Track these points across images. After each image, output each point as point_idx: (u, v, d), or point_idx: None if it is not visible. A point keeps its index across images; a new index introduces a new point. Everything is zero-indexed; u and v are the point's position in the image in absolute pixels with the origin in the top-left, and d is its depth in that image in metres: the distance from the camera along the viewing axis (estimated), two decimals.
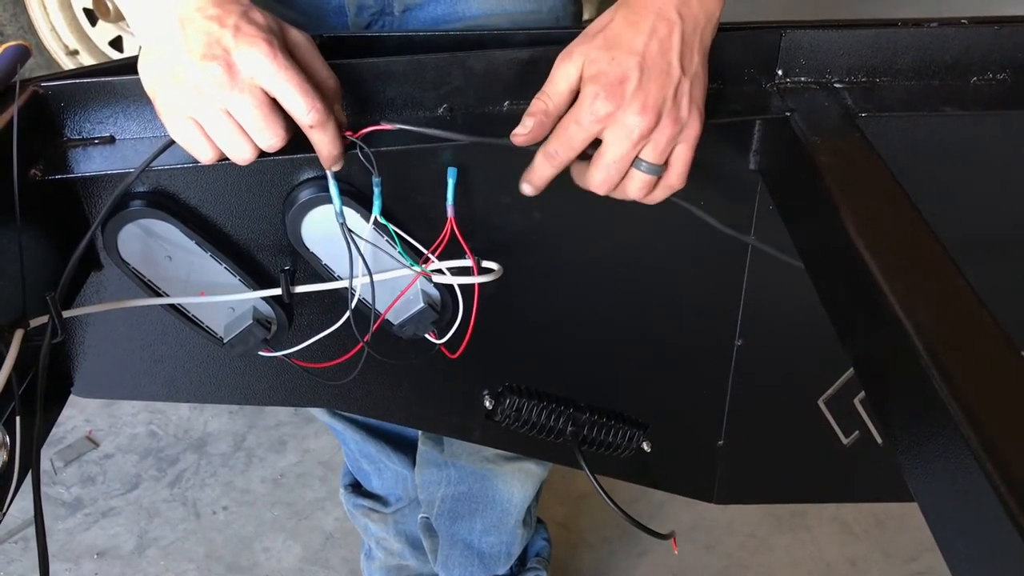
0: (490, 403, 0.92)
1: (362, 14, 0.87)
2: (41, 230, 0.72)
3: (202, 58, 0.62)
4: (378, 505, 1.47)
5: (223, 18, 0.63)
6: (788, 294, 0.86)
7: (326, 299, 0.82)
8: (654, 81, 0.66)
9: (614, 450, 0.97)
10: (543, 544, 1.53)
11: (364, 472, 1.46)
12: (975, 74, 0.81)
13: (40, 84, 0.71)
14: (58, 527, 1.82)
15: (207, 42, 0.62)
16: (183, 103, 0.64)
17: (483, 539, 1.38)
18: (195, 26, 0.63)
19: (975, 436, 0.46)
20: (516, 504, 1.33)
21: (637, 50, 0.66)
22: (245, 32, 0.62)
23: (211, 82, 0.62)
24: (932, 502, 0.52)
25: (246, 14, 0.64)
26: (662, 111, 0.67)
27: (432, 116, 0.76)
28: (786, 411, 0.97)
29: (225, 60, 0.62)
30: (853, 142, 0.72)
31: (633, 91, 0.66)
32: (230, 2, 0.63)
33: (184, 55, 0.62)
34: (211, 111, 0.64)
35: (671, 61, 0.66)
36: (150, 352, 0.86)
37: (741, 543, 1.78)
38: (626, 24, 0.66)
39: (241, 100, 0.63)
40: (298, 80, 0.64)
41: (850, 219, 0.63)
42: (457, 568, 1.43)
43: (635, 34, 0.66)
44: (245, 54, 0.62)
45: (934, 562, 1.70)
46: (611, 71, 0.66)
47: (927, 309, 0.55)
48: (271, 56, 0.62)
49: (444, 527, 1.39)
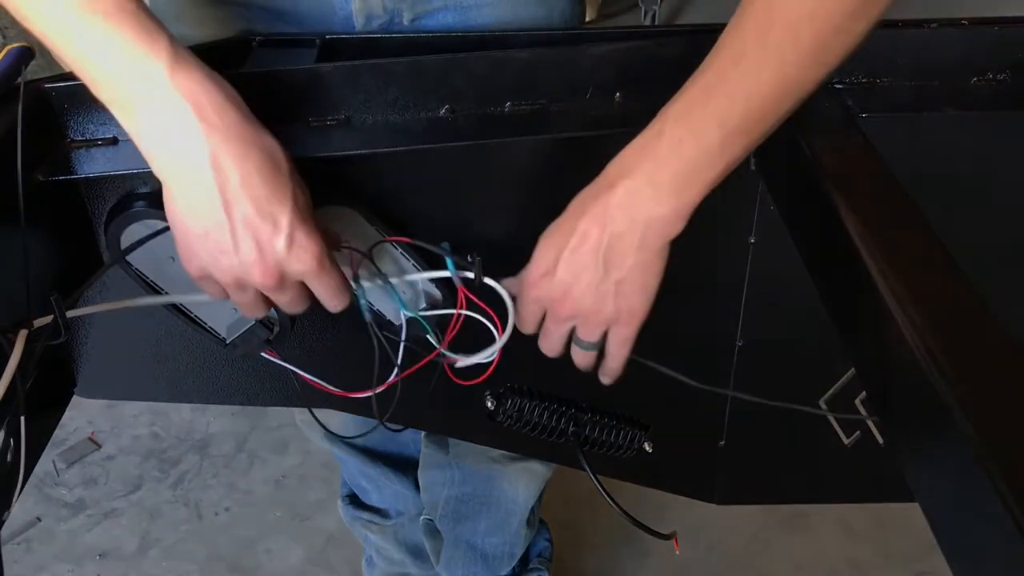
0: (492, 404, 0.93)
1: (370, 24, 0.88)
2: (44, 231, 0.72)
3: (253, 264, 0.61)
4: (377, 518, 1.47)
5: (277, 219, 0.60)
6: (789, 294, 0.86)
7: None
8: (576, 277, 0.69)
9: (616, 451, 0.97)
10: (545, 544, 1.53)
11: (363, 488, 1.46)
12: (975, 74, 0.81)
13: (44, 85, 0.71)
14: (60, 528, 1.82)
15: (257, 247, 0.60)
16: (217, 275, 0.63)
17: (486, 540, 1.38)
18: (244, 220, 0.59)
19: (977, 436, 0.46)
20: (520, 504, 1.33)
21: (561, 246, 0.69)
22: (299, 243, 0.61)
23: (255, 283, 0.62)
24: (934, 502, 0.52)
25: (297, 209, 0.61)
26: (581, 301, 0.70)
27: (434, 117, 0.76)
28: (787, 412, 0.97)
29: (276, 273, 0.61)
30: (853, 143, 0.72)
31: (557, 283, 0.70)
32: (281, 188, 0.60)
33: (229, 247, 0.60)
34: (245, 296, 0.65)
35: (595, 261, 0.68)
36: (153, 353, 0.86)
37: (743, 544, 1.78)
38: (563, 219, 0.69)
39: (280, 296, 0.64)
40: (336, 284, 0.65)
41: (851, 219, 0.63)
42: (460, 569, 1.43)
43: (566, 233, 0.68)
44: (296, 270, 0.62)
45: (936, 563, 1.69)
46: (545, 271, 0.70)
47: (928, 310, 0.55)
48: (319, 271, 0.63)
49: (448, 528, 1.39)
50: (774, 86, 0.62)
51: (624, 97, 0.78)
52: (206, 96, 0.58)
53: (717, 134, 0.62)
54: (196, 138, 0.58)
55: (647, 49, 0.78)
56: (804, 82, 0.63)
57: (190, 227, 0.61)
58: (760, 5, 0.61)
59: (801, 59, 0.61)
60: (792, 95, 0.63)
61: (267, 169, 0.60)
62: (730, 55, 0.62)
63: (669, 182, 0.64)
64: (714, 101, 0.62)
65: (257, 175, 0.59)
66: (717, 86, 0.62)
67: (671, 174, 0.64)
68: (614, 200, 0.65)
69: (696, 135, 0.63)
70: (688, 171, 0.64)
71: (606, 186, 0.66)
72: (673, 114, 0.64)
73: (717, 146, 0.63)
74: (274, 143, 0.61)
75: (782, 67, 0.61)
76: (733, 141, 0.63)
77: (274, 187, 0.60)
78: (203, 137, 0.58)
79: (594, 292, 0.69)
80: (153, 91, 0.57)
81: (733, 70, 0.62)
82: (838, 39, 0.61)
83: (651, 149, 0.64)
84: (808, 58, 0.61)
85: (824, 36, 0.60)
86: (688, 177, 0.64)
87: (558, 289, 0.70)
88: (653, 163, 0.64)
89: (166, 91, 0.57)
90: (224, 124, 0.58)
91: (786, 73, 0.61)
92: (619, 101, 0.79)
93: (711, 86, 0.63)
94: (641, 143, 0.65)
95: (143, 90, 0.57)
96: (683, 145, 0.63)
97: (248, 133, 0.59)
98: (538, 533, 1.50)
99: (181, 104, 0.57)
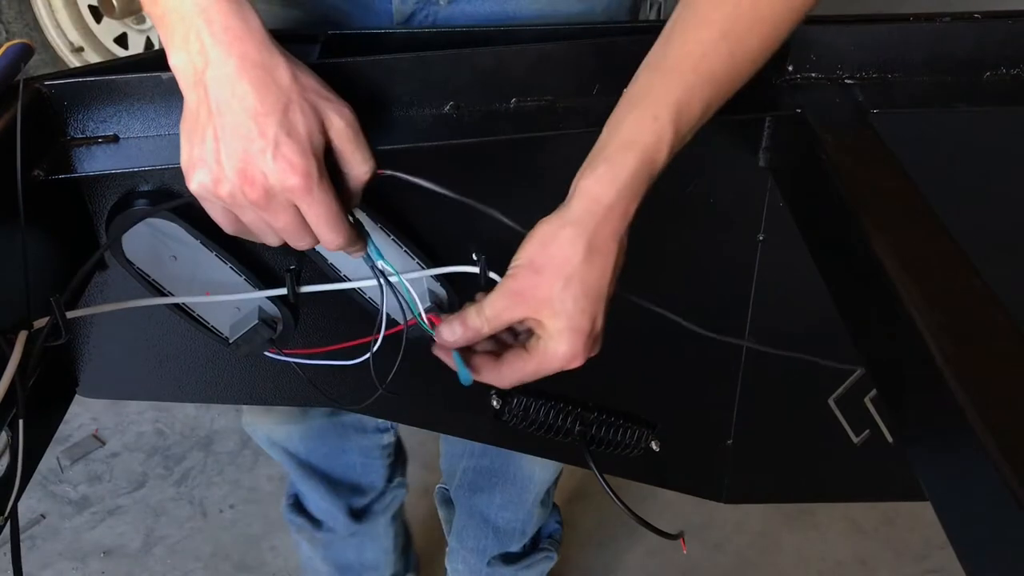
0: (498, 403, 0.92)
1: (406, 1, 0.87)
2: (44, 230, 0.71)
3: (238, 174, 0.60)
4: (311, 527, 1.45)
5: (263, 125, 0.60)
6: (798, 291, 0.85)
7: (332, 298, 0.82)
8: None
9: (622, 449, 0.96)
10: (556, 527, 1.53)
11: (303, 494, 1.45)
12: (988, 69, 0.80)
13: (43, 83, 0.71)
14: (65, 525, 1.82)
15: (244, 157, 0.60)
16: (220, 197, 0.63)
17: (500, 514, 1.39)
18: (233, 126, 0.60)
19: (989, 434, 0.46)
20: (536, 482, 1.34)
21: (602, 297, 0.66)
22: (284, 153, 0.60)
23: (246, 199, 0.61)
24: (946, 501, 0.52)
25: (287, 115, 0.61)
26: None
27: (439, 113, 0.76)
28: (796, 410, 0.97)
29: (263, 185, 0.61)
30: (865, 138, 0.72)
31: (599, 332, 0.68)
32: (273, 91, 0.61)
33: (223, 158, 0.61)
34: (247, 214, 0.64)
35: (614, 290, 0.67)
36: (155, 352, 0.86)
37: (750, 542, 1.77)
38: (591, 267, 0.66)
39: (276, 216, 0.63)
40: (328, 211, 0.63)
41: (862, 216, 0.62)
42: (471, 540, 1.44)
43: (601, 278, 0.66)
44: (281, 183, 0.61)
45: (945, 560, 1.70)
46: (583, 324, 0.66)
47: (941, 308, 0.54)
48: (305, 191, 0.61)
49: (463, 498, 1.40)
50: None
51: None
52: (219, 14, 0.60)
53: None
54: (201, 50, 0.60)
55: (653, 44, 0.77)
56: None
57: (191, 135, 0.62)
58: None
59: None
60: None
61: (263, 84, 0.60)
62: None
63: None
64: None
65: (251, 88, 0.60)
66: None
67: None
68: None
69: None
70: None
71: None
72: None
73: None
74: (278, 61, 0.62)
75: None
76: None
77: (266, 100, 0.60)
78: (207, 50, 0.60)
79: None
80: (181, 4, 0.60)
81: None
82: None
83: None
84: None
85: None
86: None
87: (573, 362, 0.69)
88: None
89: (188, 4, 0.60)
90: (228, 39, 0.60)
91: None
92: None
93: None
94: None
95: (172, 3, 0.60)
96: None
97: (251, 51, 0.60)
98: (550, 515, 1.50)
99: (195, 18, 0.60)
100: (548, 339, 0.66)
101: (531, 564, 1.48)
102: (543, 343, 0.67)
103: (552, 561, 1.50)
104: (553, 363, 0.67)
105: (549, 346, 0.66)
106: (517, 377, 0.70)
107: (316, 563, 1.52)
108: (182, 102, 0.62)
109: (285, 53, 0.62)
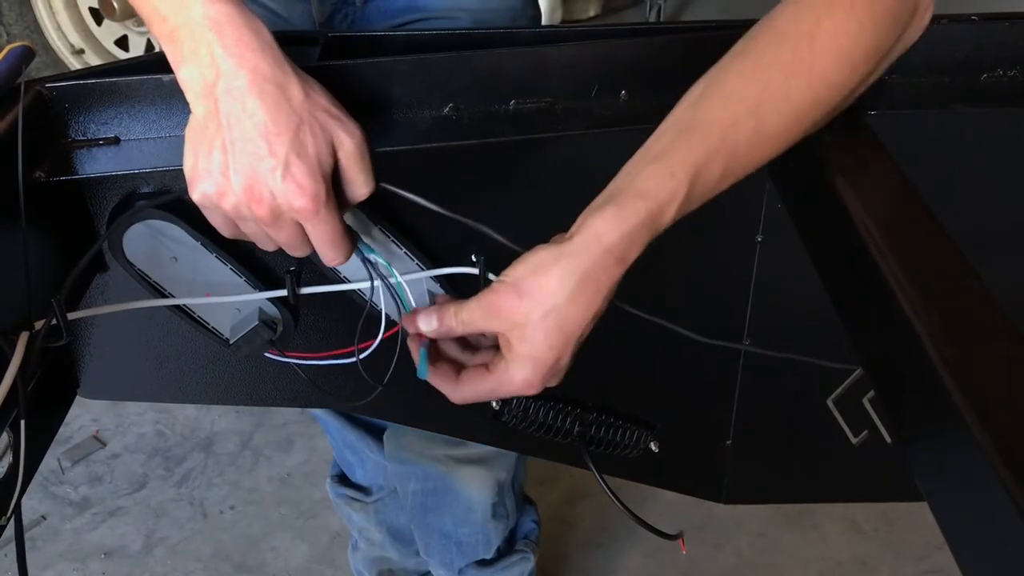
0: (497, 403, 0.92)
1: (325, 3, 0.88)
2: (45, 231, 0.71)
3: (245, 190, 0.61)
4: (360, 495, 1.48)
5: (274, 143, 0.60)
6: (797, 293, 0.85)
7: (332, 299, 0.82)
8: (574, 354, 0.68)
9: (622, 450, 0.96)
10: (532, 527, 1.51)
11: (348, 463, 1.48)
12: (986, 71, 0.80)
13: (44, 85, 0.71)
14: (65, 527, 1.82)
15: (251, 174, 0.60)
16: (223, 210, 0.63)
17: (457, 529, 1.39)
18: (243, 141, 0.60)
19: (987, 435, 0.46)
20: (477, 502, 1.33)
21: (575, 338, 0.66)
22: (293, 174, 0.60)
23: (251, 214, 0.62)
24: (943, 501, 0.52)
25: (299, 135, 0.61)
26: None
27: (438, 115, 0.76)
28: (794, 410, 0.97)
29: (270, 204, 0.61)
30: (863, 140, 0.72)
31: (560, 369, 0.68)
32: (286, 110, 0.60)
33: (230, 172, 0.61)
34: (248, 227, 0.64)
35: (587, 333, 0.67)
36: (156, 353, 0.86)
37: (750, 542, 1.77)
38: (574, 307, 0.65)
39: (278, 232, 0.63)
40: (332, 232, 0.64)
41: (859, 218, 0.63)
42: (437, 555, 1.43)
43: (580, 320, 0.65)
44: (288, 203, 0.61)
45: (944, 561, 1.70)
46: (548, 358, 0.66)
47: (939, 308, 0.54)
48: (312, 213, 0.62)
49: (418, 518, 1.40)
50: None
51: (629, 95, 0.78)
52: (230, 26, 0.60)
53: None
54: (212, 63, 0.60)
55: (653, 47, 0.77)
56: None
57: (197, 146, 0.62)
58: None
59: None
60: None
61: (273, 100, 0.60)
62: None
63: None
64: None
65: (263, 105, 0.60)
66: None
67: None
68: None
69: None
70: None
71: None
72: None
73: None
74: (291, 79, 0.62)
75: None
76: None
77: (278, 119, 0.60)
78: (218, 62, 0.60)
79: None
80: (191, 19, 0.60)
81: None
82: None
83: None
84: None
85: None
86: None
87: (554, 377, 0.69)
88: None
89: (197, 18, 0.60)
90: (239, 52, 0.60)
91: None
92: (624, 99, 0.78)
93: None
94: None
95: (181, 19, 0.60)
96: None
97: (263, 65, 0.60)
98: (524, 514, 1.49)
99: (206, 31, 0.60)
100: (511, 361, 0.66)
101: (507, 567, 1.46)
102: (504, 364, 0.67)
103: (530, 562, 1.48)
104: (509, 387, 0.67)
105: (510, 369, 0.66)
106: (471, 394, 0.70)
107: (371, 532, 1.53)
108: (183, 104, 0.63)
109: (296, 68, 0.62)
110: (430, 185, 0.78)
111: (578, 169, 0.70)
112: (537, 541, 1.51)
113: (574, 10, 3.61)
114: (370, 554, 1.57)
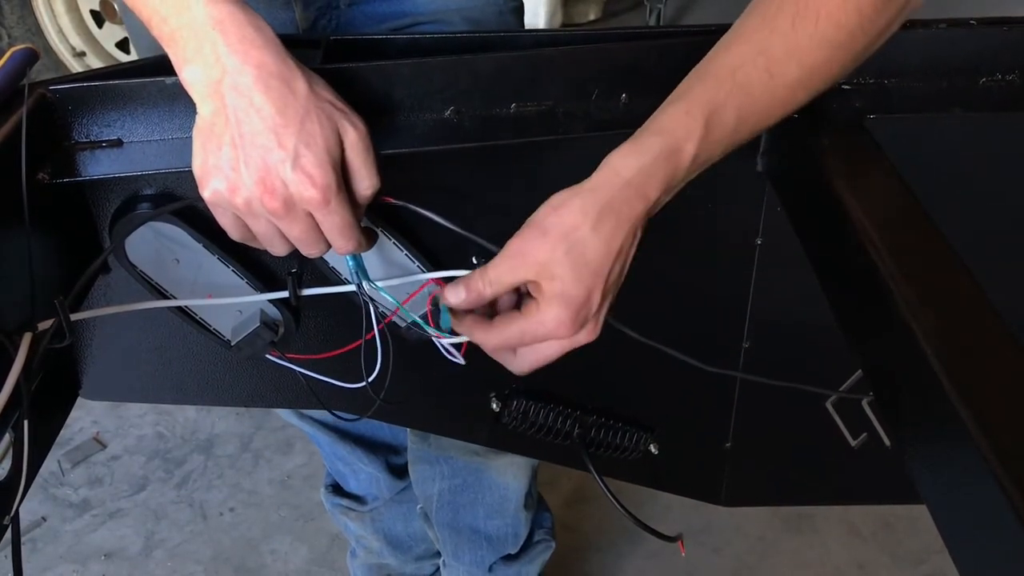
0: (497, 406, 0.92)
1: (309, 8, 0.88)
2: (48, 233, 0.72)
3: (257, 184, 0.61)
4: (355, 504, 1.48)
5: (283, 135, 0.60)
6: (796, 296, 0.85)
7: (333, 301, 0.82)
8: (607, 301, 0.68)
9: (621, 452, 0.97)
10: (547, 515, 1.52)
11: (341, 473, 1.48)
12: (984, 75, 0.80)
13: (48, 88, 0.71)
14: (65, 528, 1.83)
15: (263, 167, 0.61)
16: (235, 206, 0.63)
17: (488, 523, 1.39)
18: (252, 135, 0.60)
19: (985, 439, 0.46)
20: (513, 490, 1.34)
21: (603, 273, 0.66)
22: (303, 164, 0.61)
23: (264, 208, 0.62)
24: (941, 504, 0.52)
25: (305, 126, 0.61)
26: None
27: (440, 118, 0.76)
28: (793, 413, 0.97)
29: (283, 195, 0.61)
30: (861, 144, 0.72)
31: (593, 313, 0.67)
32: (292, 102, 0.61)
33: (241, 166, 0.61)
34: (259, 224, 0.64)
35: (619, 280, 0.68)
36: (157, 355, 0.86)
37: (749, 545, 1.77)
38: (596, 238, 0.65)
39: (291, 226, 0.64)
40: (342, 221, 0.64)
41: (858, 221, 0.63)
42: (468, 554, 1.43)
43: (605, 252, 0.65)
44: (300, 194, 0.61)
45: (943, 564, 1.70)
46: (579, 294, 0.66)
47: (937, 312, 0.54)
48: (323, 202, 0.62)
49: (446, 520, 1.40)
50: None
51: (630, 98, 0.78)
52: (233, 25, 0.60)
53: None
54: (217, 61, 0.61)
55: (653, 50, 0.78)
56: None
57: (206, 143, 0.62)
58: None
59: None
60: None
61: (279, 94, 0.61)
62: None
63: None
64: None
65: (269, 98, 0.60)
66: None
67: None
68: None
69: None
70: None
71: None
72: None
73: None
74: (295, 73, 0.62)
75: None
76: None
77: (285, 111, 0.61)
78: (223, 60, 0.60)
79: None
80: (193, 19, 0.61)
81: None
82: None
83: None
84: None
85: None
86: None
87: (590, 323, 0.68)
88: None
89: (200, 18, 0.60)
90: (244, 49, 0.60)
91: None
92: (625, 102, 0.78)
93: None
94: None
95: (183, 20, 0.61)
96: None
97: (268, 61, 0.61)
98: (539, 505, 1.50)
99: (209, 31, 0.60)
100: (542, 301, 0.66)
101: (532, 558, 1.47)
102: (535, 304, 0.67)
103: (551, 548, 1.49)
104: (540, 329, 0.67)
105: (541, 308, 0.66)
106: (502, 338, 0.69)
107: (368, 540, 1.53)
108: (186, 107, 0.63)
109: (299, 63, 0.63)
110: (430, 188, 0.79)
111: (578, 172, 0.70)
112: (553, 527, 1.52)
113: (574, 14, 3.62)
114: (368, 561, 1.58)
